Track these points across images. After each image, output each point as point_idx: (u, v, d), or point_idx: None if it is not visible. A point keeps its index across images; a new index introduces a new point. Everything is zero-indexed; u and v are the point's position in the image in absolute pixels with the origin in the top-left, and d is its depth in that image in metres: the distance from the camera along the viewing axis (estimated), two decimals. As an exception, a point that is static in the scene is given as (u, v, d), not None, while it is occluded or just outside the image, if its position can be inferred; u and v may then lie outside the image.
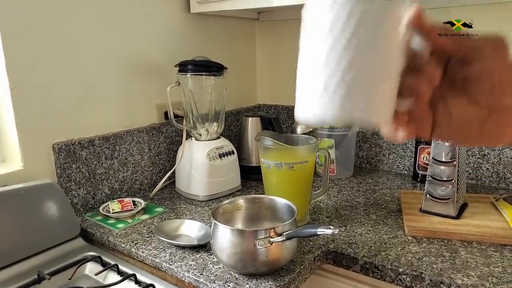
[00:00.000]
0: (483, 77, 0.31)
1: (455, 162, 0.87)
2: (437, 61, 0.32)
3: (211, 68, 1.08)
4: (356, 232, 0.86)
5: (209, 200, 1.07)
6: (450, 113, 0.32)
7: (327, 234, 0.63)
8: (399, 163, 1.29)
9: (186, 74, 1.08)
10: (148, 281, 0.74)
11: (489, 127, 0.32)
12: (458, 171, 0.87)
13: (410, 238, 0.83)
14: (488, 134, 0.32)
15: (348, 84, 0.29)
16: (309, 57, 0.30)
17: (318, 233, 0.63)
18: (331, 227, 0.62)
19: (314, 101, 0.30)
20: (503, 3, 1.03)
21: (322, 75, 0.29)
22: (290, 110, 1.46)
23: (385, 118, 0.31)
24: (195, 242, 0.83)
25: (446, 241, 0.81)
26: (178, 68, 1.09)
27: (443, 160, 0.88)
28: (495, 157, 1.12)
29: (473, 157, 1.15)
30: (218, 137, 1.14)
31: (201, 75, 1.08)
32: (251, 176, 1.22)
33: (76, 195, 0.98)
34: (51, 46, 0.92)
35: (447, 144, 0.88)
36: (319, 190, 0.96)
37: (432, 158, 0.90)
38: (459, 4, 1.07)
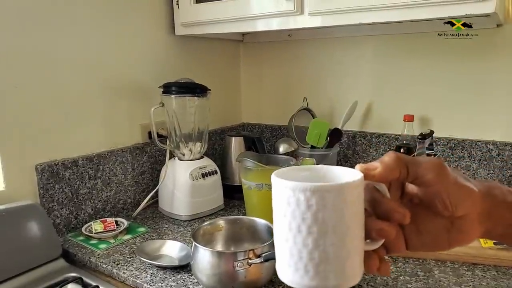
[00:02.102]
0: (434, 198, 0.35)
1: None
2: (398, 191, 0.37)
3: (195, 89, 1.11)
4: (335, 252, 0.88)
5: (192, 220, 1.08)
6: (418, 228, 0.37)
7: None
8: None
9: (170, 96, 1.10)
10: (128, 303, 0.75)
11: (454, 234, 0.36)
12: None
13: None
14: (455, 240, 0.36)
15: (315, 264, 0.32)
16: (280, 232, 0.33)
17: (294, 255, 0.65)
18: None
19: (290, 271, 0.33)
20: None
21: (292, 253, 0.33)
22: (273, 128, 1.49)
23: (358, 277, 0.34)
24: (176, 263, 0.84)
25: (421, 261, 0.84)
26: (162, 90, 1.11)
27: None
28: (470, 177, 1.16)
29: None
30: (202, 157, 1.16)
31: (185, 96, 1.11)
32: (234, 195, 1.23)
33: (59, 215, 0.98)
34: (34, 67, 0.93)
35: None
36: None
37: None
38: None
